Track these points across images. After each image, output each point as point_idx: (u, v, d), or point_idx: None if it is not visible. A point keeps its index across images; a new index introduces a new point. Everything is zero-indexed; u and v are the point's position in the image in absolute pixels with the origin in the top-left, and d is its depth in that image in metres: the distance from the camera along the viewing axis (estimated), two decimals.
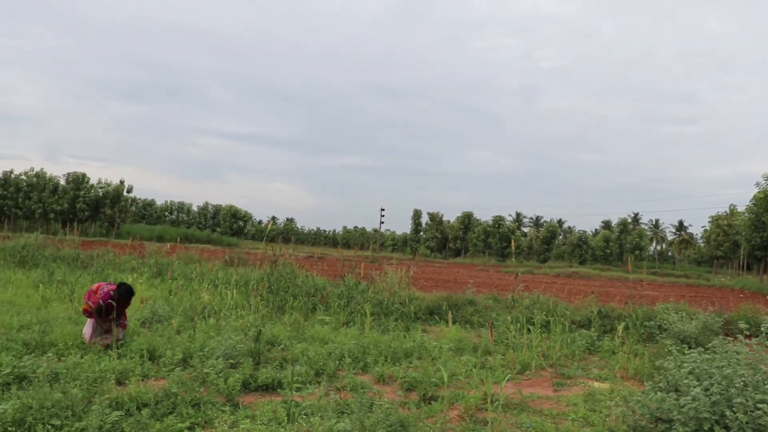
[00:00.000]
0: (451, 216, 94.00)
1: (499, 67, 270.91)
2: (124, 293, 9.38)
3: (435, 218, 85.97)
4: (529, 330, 12.01)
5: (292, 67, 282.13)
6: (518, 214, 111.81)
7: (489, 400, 7.40)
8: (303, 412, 6.61)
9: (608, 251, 76.66)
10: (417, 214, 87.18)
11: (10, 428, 5.53)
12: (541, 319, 12.32)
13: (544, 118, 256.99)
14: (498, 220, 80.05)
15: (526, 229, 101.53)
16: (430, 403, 7.63)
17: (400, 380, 8.59)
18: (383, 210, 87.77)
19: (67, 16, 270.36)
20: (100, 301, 9.16)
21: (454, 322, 13.53)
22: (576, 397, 8.25)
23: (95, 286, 9.64)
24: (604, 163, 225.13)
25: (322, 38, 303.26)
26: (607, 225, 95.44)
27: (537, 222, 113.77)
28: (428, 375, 8.48)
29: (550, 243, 78.97)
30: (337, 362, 9.24)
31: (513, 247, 11.67)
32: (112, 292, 9.24)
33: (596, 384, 9.16)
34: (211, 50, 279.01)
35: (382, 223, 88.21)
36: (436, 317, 14.74)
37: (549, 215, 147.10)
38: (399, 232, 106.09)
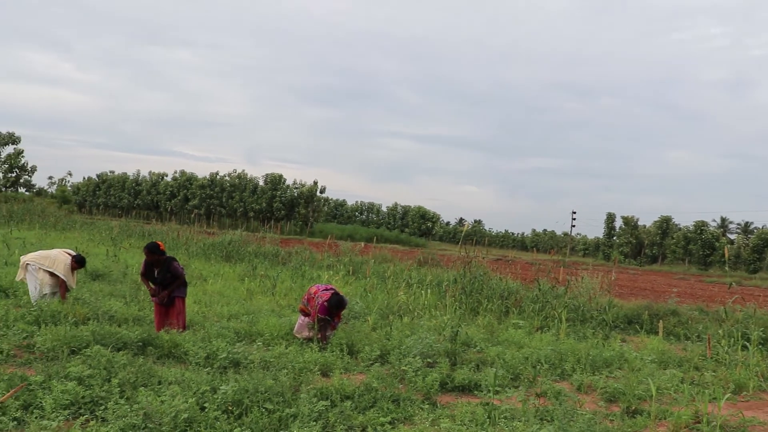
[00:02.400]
0: (647, 220, 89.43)
1: (702, 58, 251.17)
2: (336, 305, 9.64)
3: (629, 222, 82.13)
4: (744, 347, 11.03)
5: (479, 66, 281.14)
6: (723, 219, 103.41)
7: (704, 420, 6.85)
8: (503, 416, 6.49)
9: None
10: (610, 218, 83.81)
11: (230, 407, 5.92)
12: (759, 336, 11.24)
13: (756, 112, 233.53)
14: (700, 226, 74.84)
15: (732, 236, 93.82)
16: (635, 417, 7.21)
17: (600, 390, 8.20)
18: (574, 213, 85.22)
19: (267, 29, 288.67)
20: (318, 315, 9.52)
21: (656, 333, 12.76)
22: None
23: (313, 289, 9.97)
24: None
25: (508, 36, 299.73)
26: None
27: (746, 228, 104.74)
28: (631, 387, 8.03)
29: (762, 252, 72.53)
30: (534, 368, 9.01)
31: (726, 255, 10.79)
32: (326, 304, 9.54)
33: None
34: (399, 54, 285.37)
35: (573, 226, 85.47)
36: (636, 326, 13.99)
37: (761, 221, 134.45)
38: (590, 237, 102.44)
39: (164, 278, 9.66)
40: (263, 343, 9.18)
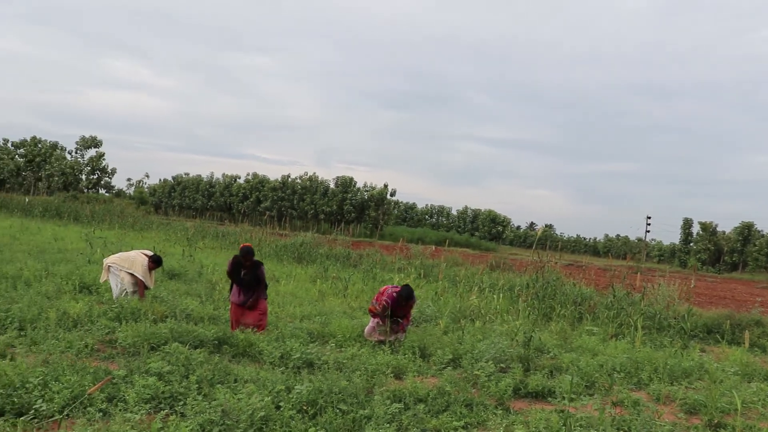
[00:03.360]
0: (726, 226, 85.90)
1: None
2: (405, 295, 9.67)
3: (707, 228, 79.52)
4: None
5: (552, 69, 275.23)
6: None
7: None
8: (578, 424, 6.34)
9: None
10: (687, 224, 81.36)
11: (305, 407, 5.98)
12: None
13: None
14: None
15: None
16: (718, 431, 6.95)
17: (679, 401, 7.94)
18: (649, 218, 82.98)
19: (341, 34, 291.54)
20: (384, 302, 9.55)
21: (738, 344, 12.29)
22: None
23: (383, 288, 10.08)
24: None
25: (584, 37, 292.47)
26: None
27: None
28: (714, 399, 7.74)
29: None
30: (609, 376, 8.79)
31: None
32: (395, 294, 9.58)
33: None
34: (472, 57, 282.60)
35: (648, 231, 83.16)
36: (717, 336, 13.51)
37: None
38: (666, 243, 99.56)
39: (250, 280, 9.82)
40: (336, 344, 9.26)
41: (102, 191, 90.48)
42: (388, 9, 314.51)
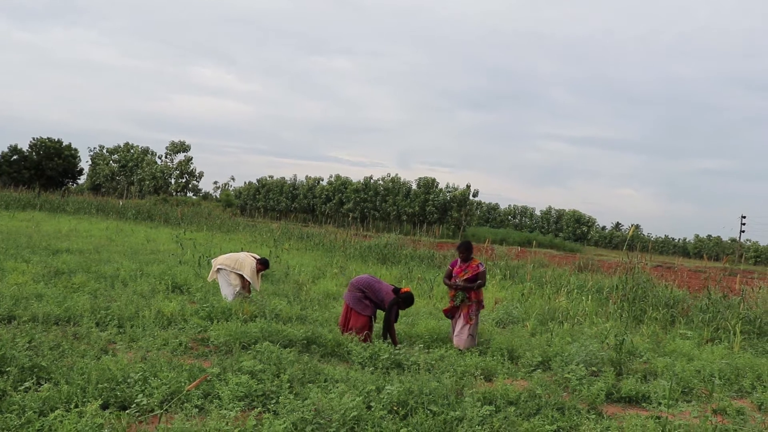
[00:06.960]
0: None
1: None
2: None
3: None
4: None
5: (640, 65, 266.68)
6: None
7: None
8: (677, 431, 6.10)
9: None
10: None
11: (395, 408, 5.99)
12: None
13: None
14: None
15: None
16: None
17: None
18: (744, 218, 79.44)
19: (424, 35, 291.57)
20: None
21: None
22: None
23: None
24: None
25: (675, 31, 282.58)
26: None
27: None
28: None
29: None
30: (707, 382, 8.42)
31: None
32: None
33: None
34: (557, 55, 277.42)
35: (743, 232, 79.69)
36: None
37: None
38: (762, 243, 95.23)
39: None
40: (423, 345, 9.23)
41: (190, 194, 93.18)
42: (473, 7, 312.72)
